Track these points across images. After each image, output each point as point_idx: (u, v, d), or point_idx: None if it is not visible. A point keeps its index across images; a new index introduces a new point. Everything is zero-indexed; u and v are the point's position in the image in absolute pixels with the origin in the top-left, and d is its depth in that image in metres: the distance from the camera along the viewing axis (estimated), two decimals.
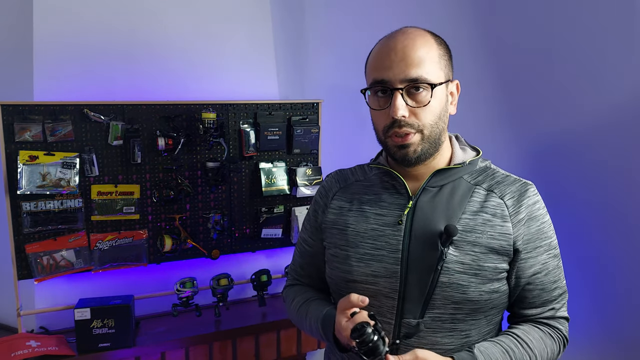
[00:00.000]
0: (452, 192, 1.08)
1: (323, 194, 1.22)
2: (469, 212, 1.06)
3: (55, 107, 1.95)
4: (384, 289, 1.07)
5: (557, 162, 1.58)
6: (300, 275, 1.30)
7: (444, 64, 1.05)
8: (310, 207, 1.27)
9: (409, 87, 1.01)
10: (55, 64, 2.05)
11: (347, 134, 2.38)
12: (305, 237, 1.26)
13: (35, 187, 1.91)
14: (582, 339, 1.50)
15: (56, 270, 1.99)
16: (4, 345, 1.82)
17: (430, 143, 1.05)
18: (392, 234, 1.08)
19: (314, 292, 1.25)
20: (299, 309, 1.21)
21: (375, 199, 1.13)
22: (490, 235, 1.04)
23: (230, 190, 2.27)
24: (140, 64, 2.19)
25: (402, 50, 1.01)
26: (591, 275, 1.52)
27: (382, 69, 1.03)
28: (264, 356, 2.17)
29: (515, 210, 1.06)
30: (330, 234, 1.16)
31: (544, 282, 1.09)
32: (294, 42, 2.49)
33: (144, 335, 2.02)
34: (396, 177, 1.11)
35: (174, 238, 2.14)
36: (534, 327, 1.11)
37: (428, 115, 1.03)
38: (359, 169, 1.23)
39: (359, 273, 1.08)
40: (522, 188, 1.09)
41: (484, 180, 1.10)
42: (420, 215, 1.07)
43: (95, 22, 2.10)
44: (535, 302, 1.10)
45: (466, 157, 1.12)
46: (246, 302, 2.35)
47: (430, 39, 1.05)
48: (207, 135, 2.11)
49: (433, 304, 1.04)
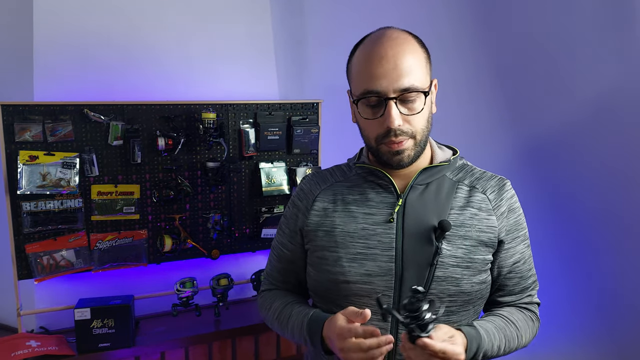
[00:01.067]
0: (438, 189, 1.11)
1: (302, 197, 1.20)
2: (456, 207, 1.09)
3: (55, 107, 1.95)
4: (379, 288, 1.07)
5: (551, 161, 1.58)
6: (277, 280, 1.27)
7: (428, 67, 1.07)
8: (286, 210, 1.24)
9: (403, 96, 1.02)
10: (55, 64, 2.05)
11: (347, 134, 2.38)
12: (283, 241, 1.23)
13: (35, 187, 1.92)
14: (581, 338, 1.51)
15: (56, 270, 1.99)
16: (4, 345, 1.82)
17: (422, 146, 1.08)
18: (384, 232, 1.08)
19: (294, 296, 1.23)
20: (280, 312, 1.19)
21: (361, 199, 1.13)
22: (479, 228, 1.09)
23: (230, 190, 2.27)
24: (140, 64, 2.19)
25: (392, 58, 1.01)
26: (585, 273, 1.52)
27: (373, 79, 1.02)
28: (264, 356, 2.17)
29: (497, 203, 1.11)
30: (316, 237, 1.14)
31: (522, 270, 1.16)
32: (294, 42, 2.49)
33: (144, 335, 2.02)
34: (383, 175, 1.12)
35: (174, 238, 2.15)
36: (517, 310, 1.17)
37: (420, 121, 1.05)
38: (337, 169, 1.23)
39: (353, 273, 1.08)
40: (500, 183, 1.15)
41: (464, 177, 1.14)
42: (412, 212, 1.09)
43: (95, 22, 2.10)
44: (515, 290, 1.17)
45: (446, 156, 1.16)
46: (246, 302, 2.35)
47: (415, 44, 1.06)
48: (207, 135, 2.11)
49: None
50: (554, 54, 1.52)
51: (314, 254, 1.15)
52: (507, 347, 1.10)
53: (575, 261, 1.54)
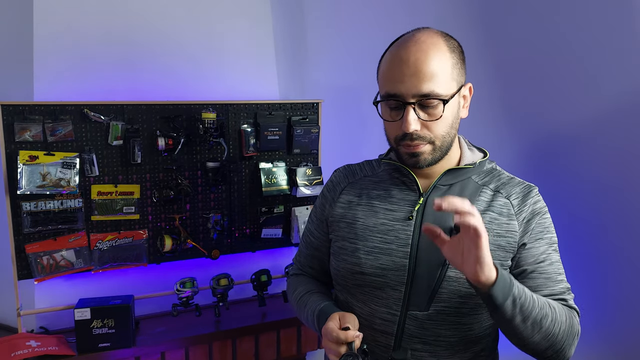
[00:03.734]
0: (461, 191, 1.11)
1: (331, 188, 1.25)
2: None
3: (55, 107, 1.95)
4: (391, 282, 1.09)
5: (555, 162, 1.58)
6: (303, 265, 1.33)
7: (456, 72, 1.05)
8: (317, 200, 1.29)
9: (422, 101, 1.02)
10: (55, 64, 2.05)
11: (347, 134, 2.38)
12: (311, 229, 1.29)
13: (35, 187, 1.91)
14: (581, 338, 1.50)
15: (56, 270, 1.99)
16: (4, 345, 1.82)
17: (442, 151, 1.08)
18: (401, 229, 1.10)
19: (316, 284, 1.28)
20: (300, 299, 1.24)
21: (384, 194, 1.15)
22: (497, 232, 1.07)
23: (230, 190, 2.27)
24: (140, 64, 2.19)
25: (414, 64, 1.00)
26: (589, 274, 1.52)
27: (394, 82, 1.02)
28: (264, 356, 2.17)
29: (520, 209, 1.10)
30: (338, 227, 1.18)
31: (548, 271, 1.08)
32: (294, 42, 2.49)
33: (144, 335, 2.02)
34: (407, 173, 1.13)
35: (174, 238, 2.15)
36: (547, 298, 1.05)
37: (440, 127, 1.04)
38: (367, 165, 1.25)
39: (368, 266, 1.11)
40: (527, 189, 1.13)
41: (490, 181, 1.14)
42: (431, 212, 1.09)
43: (95, 22, 2.10)
44: (542, 292, 1.06)
45: (475, 158, 1.15)
46: (246, 302, 2.35)
47: (443, 47, 1.03)
48: (207, 135, 2.11)
49: (439, 297, 1.07)
50: (560, 56, 1.52)
51: (335, 243, 1.19)
52: (541, 313, 0.97)
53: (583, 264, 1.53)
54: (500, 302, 0.94)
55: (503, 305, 0.94)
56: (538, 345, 1.00)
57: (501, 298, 0.93)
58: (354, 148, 2.32)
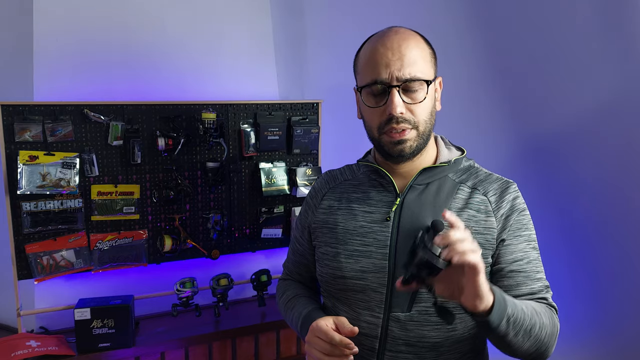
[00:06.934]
0: (438, 190, 1.11)
1: (313, 195, 1.26)
2: (454, 208, 1.09)
3: (55, 107, 1.95)
4: (372, 284, 1.09)
5: (549, 162, 1.58)
6: (291, 271, 1.34)
7: (432, 63, 1.10)
8: (302, 207, 1.30)
9: (405, 85, 1.04)
10: (55, 64, 2.05)
11: (347, 134, 2.38)
12: (297, 236, 1.29)
13: (35, 187, 1.92)
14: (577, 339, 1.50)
15: (56, 270, 1.99)
16: (4, 345, 1.82)
17: (424, 139, 1.09)
18: (380, 231, 1.10)
19: (304, 289, 1.29)
20: (287, 303, 1.25)
21: (363, 197, 1.16)
22: (475, 230, 1.08)
23: (230, 191, 2.27)
24: (140, 65, 2.19)
25: (397, 49, 1.04)
26: (584, 275, 1.52)
27: (378, 68, 1.05)
28: (264, 356, 2.17)
29: (497, 205, 1.10)
30: (321, 233, 1.19)
31: (526, 269, 1.08)
32: (294, 42, 2.49)
33: (144, 335, 2.02)
34: (384, 174, 1.14)
35: (173, 238, 2.15)
36: (532, 301, 1.07)
37: (423, 111, 1.07)
38: (347, 169, 1.26)
39: (349, 269, 1.11)
40: (504, 185, 1.13)
41: (468, 179, 1.14)
42: (408, 212, 1.10)
43: (95, 22, 2.10)
44: (522, 290, 1.08)
45: (451, 156, 1.16)
46: (246, 302, 2.35)
47: (420, 39, 1.09)
48: (207, 136, 2.11)
49: (420, 297, 1.07)
50: (556, 55, 1.52)
51: (319, 249, 1.19)
52: (530, 322, 0.99)
53: (578, 263, 1.53)
54: (496, 325, 0.94)
55: (498, 327, 0.95)
56: (526, 351, 1.02)
57: (497, 321, 0.94)
58: (354, 148, 2.31)
